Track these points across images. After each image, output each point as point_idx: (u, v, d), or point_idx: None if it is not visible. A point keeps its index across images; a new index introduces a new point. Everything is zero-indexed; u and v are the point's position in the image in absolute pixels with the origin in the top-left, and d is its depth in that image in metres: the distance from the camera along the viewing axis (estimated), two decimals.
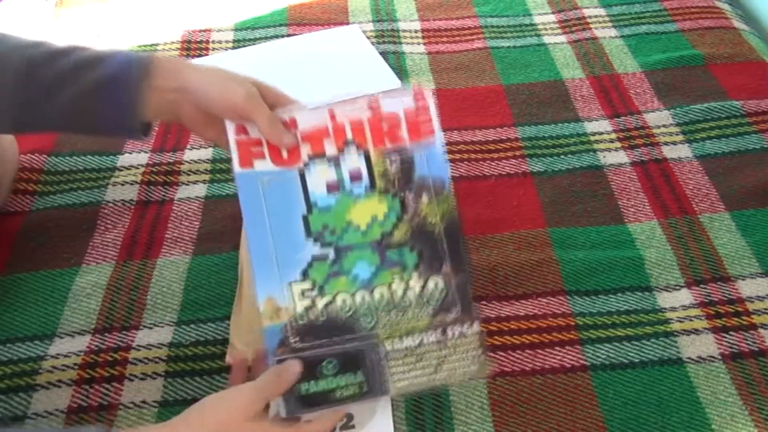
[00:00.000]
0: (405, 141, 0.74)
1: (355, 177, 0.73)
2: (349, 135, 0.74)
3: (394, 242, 0.72)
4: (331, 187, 0.73)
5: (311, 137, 0.74)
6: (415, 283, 0.72)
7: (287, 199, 0.72)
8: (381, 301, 0.71)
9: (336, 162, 0.73)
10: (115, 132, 0.79)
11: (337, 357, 0.70)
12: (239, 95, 0.72)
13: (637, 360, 0.82)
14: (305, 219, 0.72)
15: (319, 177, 0.73)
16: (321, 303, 0.71)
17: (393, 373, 0.71)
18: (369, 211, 0.73)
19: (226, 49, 1.32)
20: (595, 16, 1.37)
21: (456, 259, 0.72)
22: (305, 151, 0.73)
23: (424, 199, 0.73)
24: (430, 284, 0.72)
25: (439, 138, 0.74)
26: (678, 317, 0.86)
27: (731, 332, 0.84)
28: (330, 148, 0.73)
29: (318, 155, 0.73)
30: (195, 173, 1.06)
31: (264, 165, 0.72)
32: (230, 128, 0.73)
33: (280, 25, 1.37)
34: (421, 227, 0.73)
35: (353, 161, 0.73)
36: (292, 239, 0.72)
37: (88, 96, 0.75)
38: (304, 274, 0.71)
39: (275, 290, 0.70)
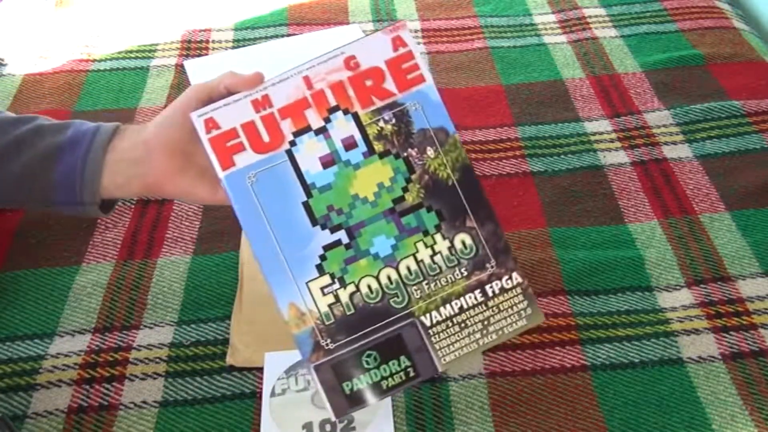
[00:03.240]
0: (395, 94, 0.68)
1: (350, 145, 0.67)
2: (332, 100, 0.67)
3: (408, 206, 0.67)
4: (326, 162, 0.67)
5: (290, 111, 0.67)
6: (441, 246, 0.66)
7: (281, 189, 0.66)
8: (409, 275, 0.66)
9: (324, 133, 0.67)
10: (68, 202, 0.71)
11: (376, 348, 0.65)
12: (193, 87, 0.69)
13: (637, 360, 0.82)
14: (306, 205, 0.66)
15: (310, 153, 0.67)
16: (345, 296, 0.66)
17: (438, 348, 0.66)
18: (373, 179, 0.67)
19: (226, 48, 1.32)
20: (595, 16, 1.37)
21: (479, 208, 0.67)
22: (287, 127, 0.67)
23: (430, 152, 0.67)
24: (457, 243, 0.66)
25: (430, 82, 0.68)
26: (678, 317, 0.86)
27: (731, 332, 0.84)
28: (314, 119, 0.67)
29: (302, 130, 0.67)
30: None
31: (246, 158, 0.66)
32: (200, 126, 0.66)
33: (280, 24, 1.37)
34: (433, 184, 0.67)
35: (343, 128, 0.67)
36: (297, 233, 0.66)
37: (42, 161, 0.69)
38: (320, 269, 0.66)
39: (294, 294, 0.65)
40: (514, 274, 0.67)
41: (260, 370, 0.81)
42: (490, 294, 0.67)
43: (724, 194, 1.01)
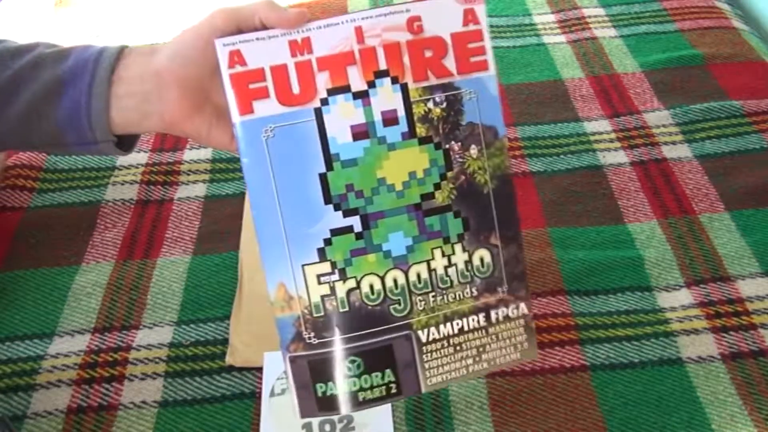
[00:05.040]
0: (453, 74, 0.58)
1: (390, 120, 0.58)
2: (383, 63, 0.57)
3: (436, 206, 0.59)
4: (358, 133, 0.57)
5: (331, 63, 0.57)
6: (459, 258, 0.59)
7: (299, 152, 0.57)
8: (417, 283, 0.59)
9: (364, 99, 0.57)
10: (80, 141, 0.62)
11: (362, 355, 0.58)
12: (221, 11, 0.58)
13: (636, 360, 0.82)
14: (323, 178, 0.57)
15: (342, 118, 0.57)
16: (342, 290, 0.58)
17: (428, 368, 0.60)
18: (406, 166, 0.58)
19: None
20: (595, 16, 1.37)
21: (507, 226, 0.60)
22: (323, 82, 0.56)
23: (473, 151, 0.59)
24: (476, 258, 0.60)
25: (493, 72, 0.59)
26: (678, 317, 0.86)
27: (731, 332, 0.84)
28: (356, 80, 0.57)
29: (340, 89, 0.57)
30: (195, 173, 1.06)
31: (267, 107, 0.56)
32: (223, 57, 0.56)
33: None
34: (468, 187, 0.59)
35: (387, 98, 0.57)
36: (305, 208, 0.57)
37: (44, 96, 0.60)
38: (321, 254, 0.57)
39: (286, 274, 0.57)
40: (522, 305, 0.61)
41: (260, 370, 0.81)
42: (494, 320, 0.61)
43: (723, 194, 1.01)
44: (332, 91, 0.57)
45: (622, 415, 0.77)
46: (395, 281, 0.59)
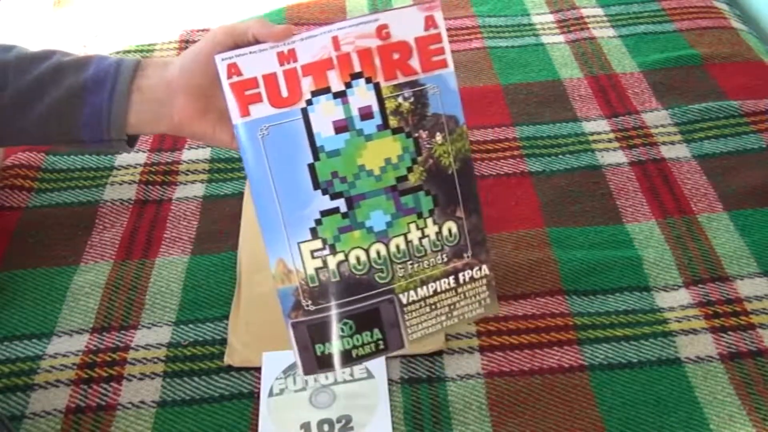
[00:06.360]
0: (418, 72, 0.67)
1: (366, 114, 0.67)
2: (357, 66, 0.66)
3: (409, 186, 0.68)
4: (339, 127, 0.67)
5: (313, 69, 0.66)
6: (431, 230, 0.69)
7: (290, 147, 0.66)
8: (397, 254, 0.69)
9: (343, 98, 0.66)
10: (96, 140, 0.71)
11: (353, 318, 0.69)
12: (219, 30, 0.68)
13: (635, 360, 0.82)
14: (311, 168, 0.66)
15: (325, 115, 0.66)
16: (333, 263, 0.67)
17: (409, 326, 0.70)
18: (382, 153, 0.67)
19: None
20: (593, 16, 1.37)
21: (469, 200, 0.70)
22: (307, 85, 0.66)
23: (438, 138, 0.68)
24: (445, 229, 0.70)
25: (452, 69, 0.68)
26: (676, 317, 0.86)
27: (729, 332, 0.84)
28: (335, 82, 0.66)
29: (321, 90, 0.66)
30: (193, 173, 1.06)
31: (261, 110, 0.65)
32: (222, 70, 0.65)
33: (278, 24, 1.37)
34: (435, 169, 0.68)
35: (362, 96, 0.66)
36: (298, 193, 0.66)
37: (68, 100, 0.69)
38: (313, 232, 0.67)
39: (284, 251, 0.67)
40: (484, 267, 0.72)
41: (258, 369, 0.81)
42: (462, 281, 0.71)
43: (722, 194, 1.01)
44: (315, 93, 0.66)
45: (621, 415, 0.77)
46: (378, 253, 0.68)
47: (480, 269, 0.72)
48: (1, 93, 0.69)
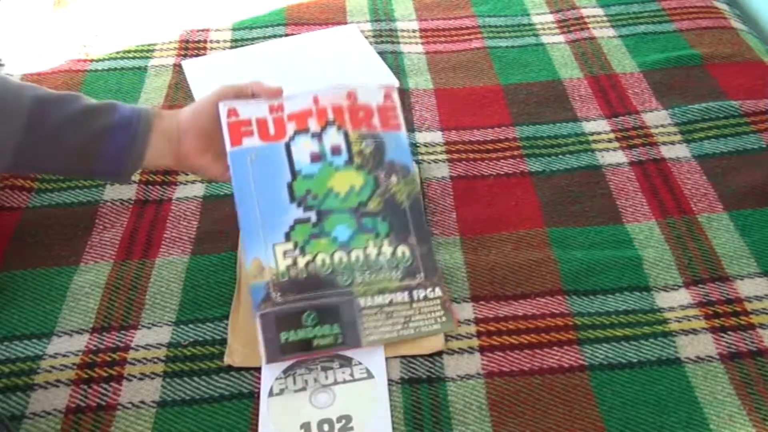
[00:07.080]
0: (378, 128, 0.85)
1: (336, 150, 0.84)
2: (331, 116, 0.85)
3: (369, 211, 0.83)
4: (315, 157, 0.83)
5: (297, 117, 0.84)
6: (387, 249, 0.82)
7: (273, 169, 0.82)
8: (357, 262, 0.81)
9: (318, 137, 0.84)
10: (114, 174, 0.84)
11: (317, 309, 0.79)
12: (227, 86, 0.85)
13: (635, 360, 0.82)
14: (290, 186, 0.82)
15: (304, 148, 0.84)
16: (302, 262, 0.80)
17: (366, 327, 0.80)
18: (348, 181, 0.83)
19: (224, 48, 1.32)
20: (593, 16, 1.37)
21: (420, 232, 0.83)
22: (291, 128, 0.84)
23: (393, 179, 0.84)
24: (399, 252, 0.82)
25: (404, 131, 0.86)
26: (676, 317, 0.86)
27: (729, 332, 0.84)
28: (313, 126, 0.84)
29: (302, 131, 0.84)
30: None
31: (252, 141, 0.82)
32: (223, 111, 0.82)
33: (278, 24, 1.37)
34: (391, 202, 0.83)
35: (334, 137, 0.84)
36: (276, 205, 0.81)
37: (97, 140, 0.80)
38: (287, 236, 0.80)
39: (260, 251, 0.79)
40: (437, 289, 0.82)
41: (258, 369, 0.81)
42: (416, 298, 0.82)
43: (722, 194, 1.01)
44: (297, 132, 0.84)
45: (621, 415, 0.77)
46: (341, 259, 0.81)
47: (433, 290, 0.82)
48: (37, 127, 0.79)
